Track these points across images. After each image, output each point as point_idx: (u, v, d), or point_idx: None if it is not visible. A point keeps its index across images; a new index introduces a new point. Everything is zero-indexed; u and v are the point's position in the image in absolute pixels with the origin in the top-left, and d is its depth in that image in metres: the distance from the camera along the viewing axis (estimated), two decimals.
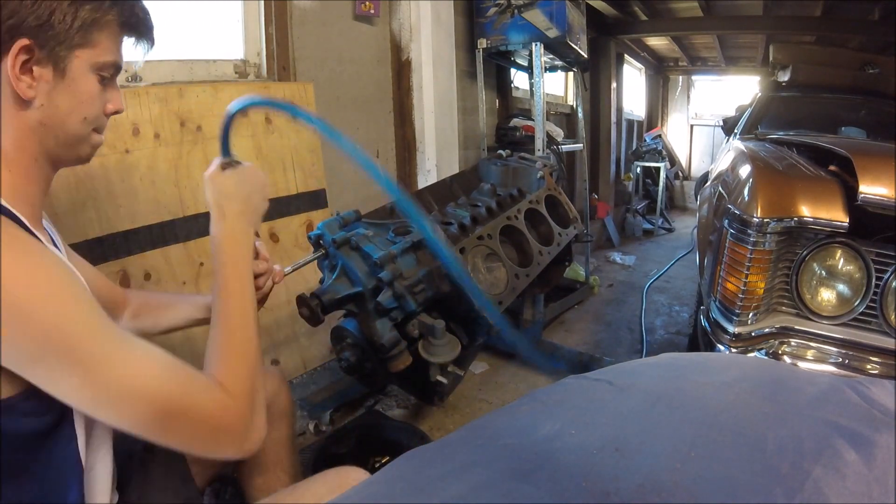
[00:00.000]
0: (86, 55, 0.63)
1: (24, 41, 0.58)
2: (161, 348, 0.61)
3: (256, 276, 0.88)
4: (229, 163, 0.82)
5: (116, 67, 0.68)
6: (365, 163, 0.72)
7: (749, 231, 1.23)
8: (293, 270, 1.01)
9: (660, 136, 6.85)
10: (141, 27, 0.70)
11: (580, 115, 3.57)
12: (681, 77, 8.18)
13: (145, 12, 0.70)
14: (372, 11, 2.15)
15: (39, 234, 0.63)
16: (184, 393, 0.59)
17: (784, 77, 2.94)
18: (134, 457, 0.86)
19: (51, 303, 0.51)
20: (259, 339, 0.71)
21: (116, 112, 0.71)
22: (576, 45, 2.87)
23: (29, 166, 0.64)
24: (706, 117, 8.20)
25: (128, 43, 0.70)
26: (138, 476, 0.85)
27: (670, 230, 5.87)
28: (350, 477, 0.80)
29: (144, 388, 0.55)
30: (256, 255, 0.87)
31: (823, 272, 1.25)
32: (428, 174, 2.41)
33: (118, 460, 0.80)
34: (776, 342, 1.27)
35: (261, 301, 0.90)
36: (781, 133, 2.21)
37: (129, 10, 0.67)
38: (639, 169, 6.03)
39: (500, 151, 1.79)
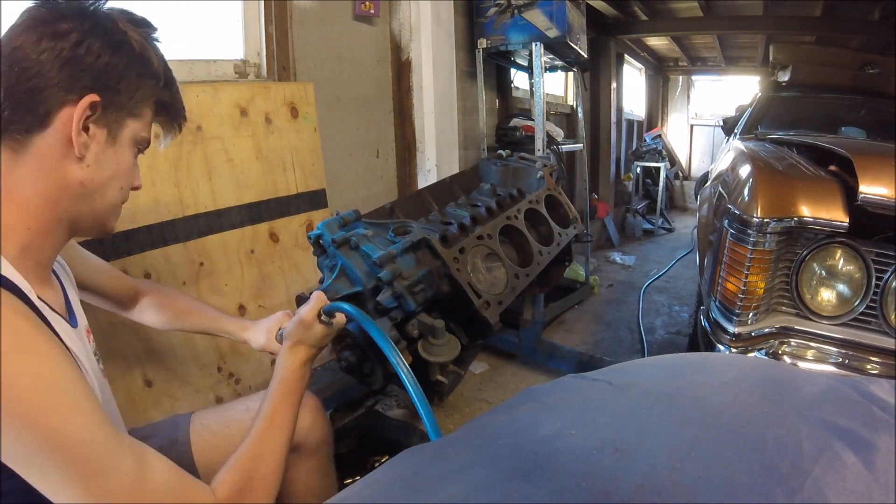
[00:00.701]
0: (134, 127, 0.65)
1: (93, 97, 0.59)
2: (161, 456, 0.59)
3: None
4: (329, 318, 0.88)
5: (148, 144, 0.71)
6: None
7: (749, 231, 1.23)
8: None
9: (660, 136, 6.85)
10: (176, 114, 0.74)
11: (580, 115, 3.57)
12: (681, 77, 8.18)
13: (181, 102, 0.75)
14: (372, 11, 2.15)
15: (47, 294, 0.63)
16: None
17: (784, 77, 2.94)
18: None
19: (52, 411, 0.49)
20: (280, 473, 0.71)
21: (136, 188, 0.72)
22: (576, 45, 2.87)
23: (52, 225, 0.61)
24: (706, 117, 8.21)
25: (156, 127, 0.73)
26: None
27: (670, 230, 5.87)
28: None
29: (141, 499, 0.53)
30: None
31: (823, 272, 1.25)
32: (428, 174, 2.41)
33: None
34: (776, 342, 1.27)
35: None
36: (781, 133, 2.21)
37: (174, 95, 0.72)
38: (639, 169, 6.03)
39: (500, 151, 1.79)
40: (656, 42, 6.25)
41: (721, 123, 3.27)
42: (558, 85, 4.55)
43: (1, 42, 0.58)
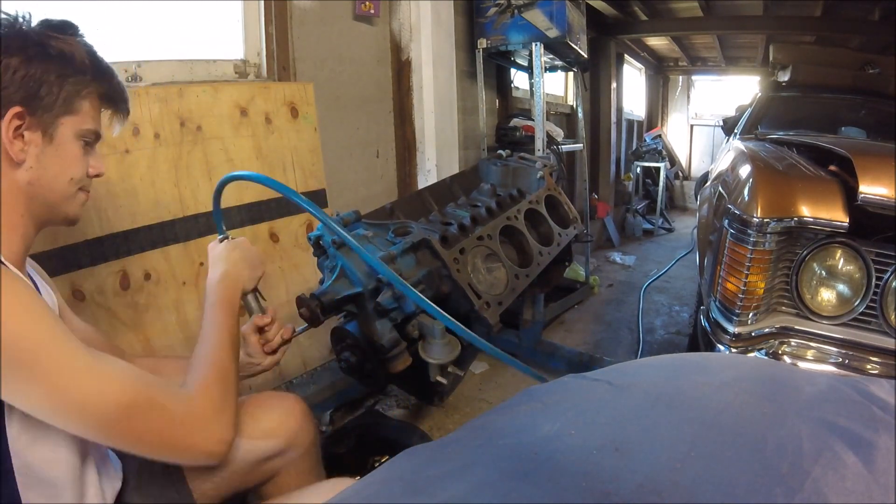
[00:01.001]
0: (70, 122, 0.71)
1: (16, 108, 0.66)
2: (125, 362, 0.65)
3: (262, 328, 1.00)
4: (224, 238, 0.95)
5: (97, 135, 0.76)
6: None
7: (749, 231, 1.23)
8: (301, 332, 1.08)
9: (660, 136, 6.85)
10: (118, 100, 0.79)
11: (580, 115, 3.57)
12: (681, 77, 8.17)
13: (122, 87, 0.80)
14: (372, 11, 2.15)
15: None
16: (146, 391, 0.63)
17: (784, 77, 2.94)
18: (130, 480, 0.85)
19: (12, 319, 0.54)
20: (235, 368, 0.78)
21: (98, 175, 0.78)
22: (576, 45, 2.87)
23: (16, 222, 0.69)
24: (706, 117, 8.20)
25: (105, 114, 0.79)
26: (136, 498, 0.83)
27: (670, 230, 5.87)
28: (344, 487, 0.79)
29: (108, 392, 0.59)
30: (262, 311, 0.99)
31: (823, 272, 1.25)
32: (428, 174, 2.41)
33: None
34: (776, 342, 1.27)
35: (273, 352, 1.01)
36: (781, 133, 2.21)
37: (108, 84, 0.77)
38: (639, 169, 6.03)
39: (500, 151, 1.79)
40: (656, 42, 6.25)
41: (721, 123, 3.27)
42: (558, 85, 4.55)
43: None
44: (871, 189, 1.13)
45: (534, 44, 2.67)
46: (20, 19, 0.69)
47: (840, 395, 0.52)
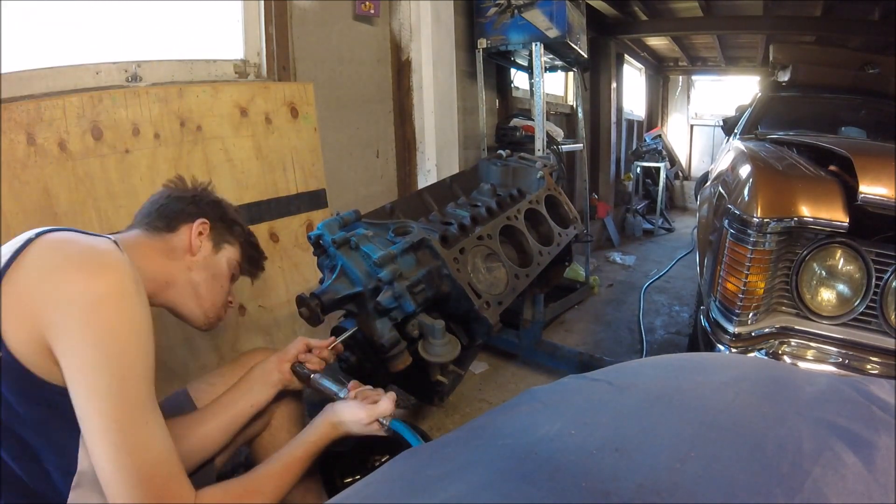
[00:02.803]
0: (229, 250, 0.98)
1: (205, 220, 0.94)
2: (169, 439, 0.71)
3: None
4: (389, 430, 0.91)
5: (238, 273, 1.01)
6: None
7: (749, 231, 1.23)
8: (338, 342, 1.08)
9: (660, 136, 6.85)
10: (257, 264, 1.06)
11: (580, 115, 3.57)
12: (681, 77, 8.17)
13: (262, 259, 1.08)
14: (372, 11, 2.15)
15: None
16: (161, 482, 0.68)
17: (784, 77, 2.94)
18: None
19: (129, 351, 0.67)
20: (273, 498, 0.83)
21: (232, 305, 1.02)
22: (576, 45, 2.87)
23: (157, 284, 0.87)
24: (706, 117, 8.20)
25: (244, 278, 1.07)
26: None
27: (670, 230, 5.87)
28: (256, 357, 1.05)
29: (142, 461, 0.65)
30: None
31: (823, 272, 1.25)
32: (428, 174, 2.41)
33: None
34: (776, 342, 1.27)
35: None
36: (781, 133, 2.21)
37: (255, 249, 1.05)
38: (639, 169, 6.03)
39: (500, 151, 1.79)
40: (656, 42, 6.25)
41: (721, 123, 3.27)
42: (558, 85, 4.55)
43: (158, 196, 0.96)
44: (871, 189, 1.13)
45: (534, 44, 2.67)
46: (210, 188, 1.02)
47: (840, 395, 0.52)
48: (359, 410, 0.89)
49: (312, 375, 0.99)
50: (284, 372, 1.01)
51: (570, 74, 4.15)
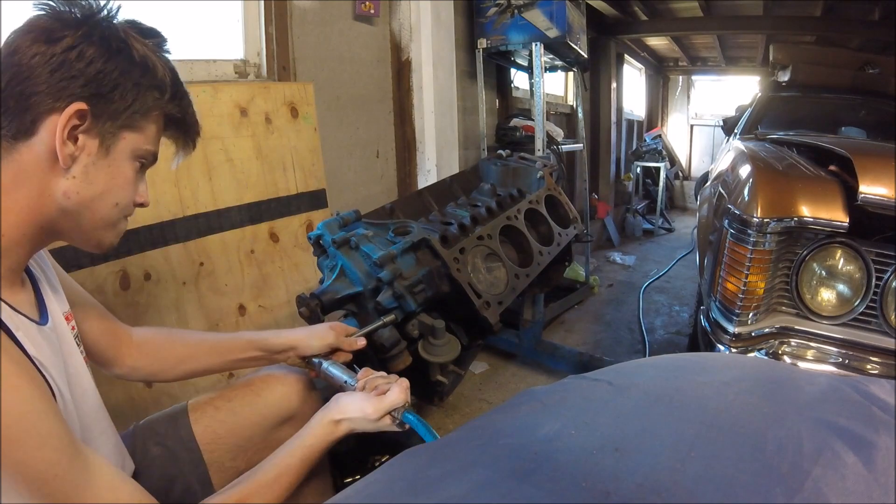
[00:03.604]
0: (132, 139, 0.62)
1: (81, 105, 0.56)
2: (128, 480, 0.61)
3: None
4: (402, 424, 0.79)
5: (154, 159, 0.68)
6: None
7: (749, 231, 1.23)
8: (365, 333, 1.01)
9: (660, 136, 6.85)
10: (189, 131, 0.71)
11: (580, 115, 3.57)
12: (681, 77, 8.17)
13: (195, 115, 0.71)
14: (372, 11, 2.15)
15: (16, 297, 0.60)
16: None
17: (784, 77, 2.94)
18: (150, 459, 0.86)
19: (19, 446, 0.49)
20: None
21: (143, 205, 0.69)
22: (576, 45, 2.87)
23: (30, 233, 0.59)
24: (706, 117, 8.20)
25: (165, 142, 0.70)
26: (156, 483, 0.84)
27: (670, 230, 5.87)
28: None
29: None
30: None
31: (823, 272, 1.25)
32: (428, 174, 2.41)
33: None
34: (776, 342, 1.27)
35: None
36: (781, 133, 2.21)
37: (184, 112, 0.68)
38: (639, 169, 6.03)
39: (500, 151, 1.79)
40: (656, 42, 6.25)
41: (721, 123, 3.27)
42: (558, 85, 4.55)
43: (1, 46, 0.57)
44: (871, 189, 1.13)
45: (534, 44, 2.67)
46: (107, 9, 0.61)
47: (840, 395, 0.52)
48: (365, 404, 0.76)
49: (323, 363, 0.91)
50: (294, 361, 0.93)
51: (570, 74, 4.15)
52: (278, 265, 1.69)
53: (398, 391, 0.77)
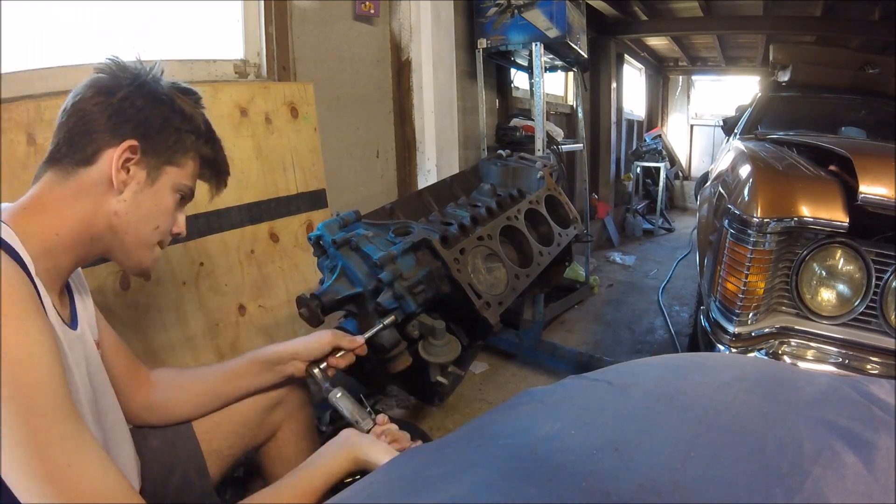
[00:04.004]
0: (173, 174, 0.74)
1: (132, 142, 0.69)
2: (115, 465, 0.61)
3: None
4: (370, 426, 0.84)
5: (191, 194, 0.79)
6: None
7: (749, 231, 1.23)
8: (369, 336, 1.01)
9: (660, 136, 6.85)
10: (220, 171, 0.83)
11: (580, 115, 3.57)
12: (681, 77, 8.17)
13: (225, 159, 0.84)
14: (372, 11, 2.15)
15: (55, 299, 0.67)
16: None
17: (784, 77, 2.94)
18: (149, 451, 0.88)
19: (21, 374, 0.52)
20: None
21: (178, 234, 0.80)
22: (576, 45, 2.87)
23: (78, 239, 0.69)
24: (706, 117, 8.20)
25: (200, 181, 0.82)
26: (155, 474, 0.86)
27: (670, 230, 5.87)
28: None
29: (76, 491, 0.55)
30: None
31: (823, 272, 1.25)
32: (428, 174, 2.41)
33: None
34: (776, 342, 1.27)
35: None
36: (781, 133, 2.21)
37: (215, 153, 0.81)
38: (639, 169, 6.03)
39: (500, 151, 1.79)
40: (656, 42, 6.25)
41: (721, 123, 3.27)
42: (558, 85, 4.55)
43: (69, 97, 0.70)
44: (871, 189, 1.13)
45: (534, 44, 2.67)
46: (153, 70, 0.74)
47: (840, 395, 0.52)
48: (388, 457, 0.78)
49: (332, 391, 0.90)
50: (299, 371, 0.94)
51: (570, 74, 4.15)
52: (278, 265, 1.69)
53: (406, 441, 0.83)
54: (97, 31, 1.39)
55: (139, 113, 0.70)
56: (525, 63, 3.14)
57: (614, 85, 5.24)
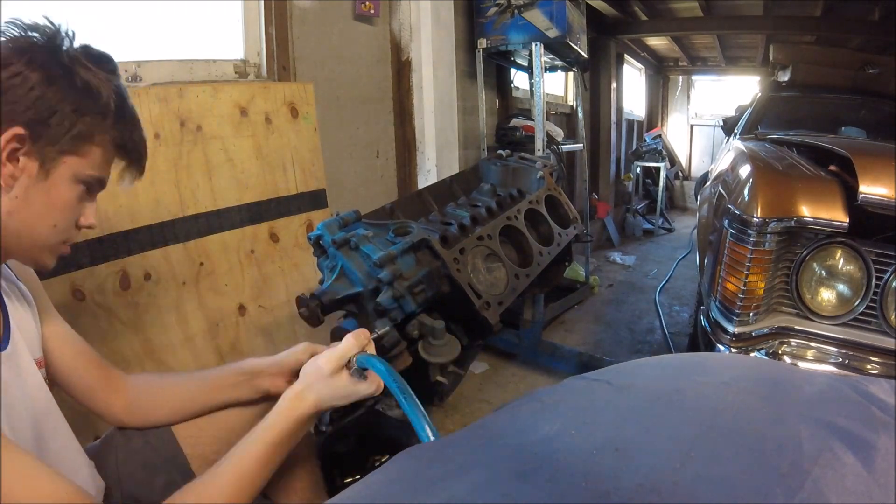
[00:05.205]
0: (73, 163, 0.63)
1: (18, 129, 0.58)
2: (53, 469, 0.58)
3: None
4: (361, 371, 0.72)
5: (101, 183, 0.69)
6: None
7: (749, 231, 1.23)
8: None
9: (660, 136, 6.85)
10: (135, 154, 0.71)
11: (580, 115, 3.57)
12: (681, 77, 8.18)
13: (143, 142, 0.72)
14: (372, 11, 2.15)
15: None
16: None
17: (784, 77, 2.94)
18: (132, 452, 0.87)
19: None
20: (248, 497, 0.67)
21: (88, 227, 0.70)
22: (576, 45, 2.87)
23: None
24: (706, 117, 8.20)
25: (117, 165, 0.71)
26: (138, 475, 0.85)
27: (670, 230, 5.87)
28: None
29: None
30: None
31: (823, 272, 1.25)
32: (428, 174, 2.41)
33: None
34: (776, 342, 1.27)
35: None
36: (781, 133, 2.21)
37: (128, 135, 0.69)
38: (639, 169, 6.03)
39: (500, 151, 1.78)
40: (656, 42, 6.25)
41: (721, 123, 3.27)
42: (558, 85, 4.55)
43: None
44: (871, 189, 1.13)
45: (534, 44, 2.67)
46: (61, 35, 0.63)
47: (840, 395, 0.52)
48: (319, 361, 0.71)
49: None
50: (276, 387, 0.88)
51: (570, 74, 4.15)
52: (278, 265, 1.69)
53: (350, 338, 0.72)
54: (97, 30, 1.39)
55: (30, 92, 0.59)
56: (525, 63, 3.14)
57: (614, 85, 5.24)
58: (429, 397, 1.32)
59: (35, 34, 0.62)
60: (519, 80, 3.53)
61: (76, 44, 0.65)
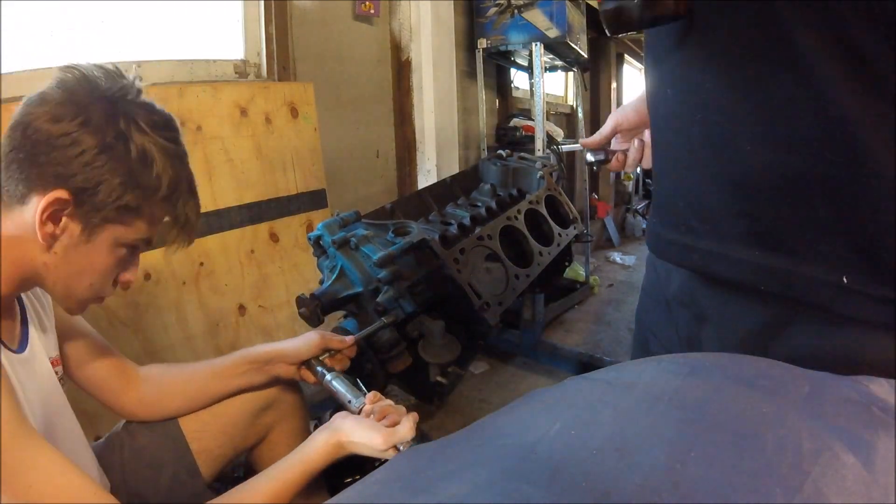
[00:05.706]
0: (117, 231, 0.63)
1: (63, 193, 0.57)
2: (73, 464, 0.59)
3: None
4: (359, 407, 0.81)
5: (147, 244, 0.68)
6: None
7: None
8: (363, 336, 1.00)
9: None
10: (185, 227, 0.69)
11: (580, 115, 3.57)
12: None
13: (195, 212, 0.70)
14: (372, 11, 2.15)
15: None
16: None
17: None
18: (137, 449, 0.88)
19: None
20: None
21: (125, 286, 0.70)
22: (576, 45, 2.87)
23: (12, 280, 0.62)
24: None
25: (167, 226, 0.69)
26: (143, 472, 0.86)
27: None
28: None
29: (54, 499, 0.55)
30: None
31: None
32: (428, 174, 2.41)
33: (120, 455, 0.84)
34: None
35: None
36: None
37: (180, 208, 0.67)
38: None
39: (500, 151, 1.79)
40: None
41: None
42: (558, 85, 4.55)
43: (19, 108, 0.59)
44: None
45: (534, 44, 2.67)
46: (126, 88, 0.62)
47: (840, 395, 0.52)
48: (374, 434, 0.72)
49: (327, 375, 0.88)
50: (287, 372, 0.92)
51: (570, 74, 4.15)
52: (278, 265, 1.69)
53: (409, 426, 0.74)
54: (97, 30, 1.39)
55: (80, 156, 0.57)
56: (525, 63, 3.14)
57: (614, 85, 5.24)
58: (429, 397, 1.32)
59: (97, 87, 0.60)
60: (519, 80, 3.53)
61: (142, 97, 0.63)
